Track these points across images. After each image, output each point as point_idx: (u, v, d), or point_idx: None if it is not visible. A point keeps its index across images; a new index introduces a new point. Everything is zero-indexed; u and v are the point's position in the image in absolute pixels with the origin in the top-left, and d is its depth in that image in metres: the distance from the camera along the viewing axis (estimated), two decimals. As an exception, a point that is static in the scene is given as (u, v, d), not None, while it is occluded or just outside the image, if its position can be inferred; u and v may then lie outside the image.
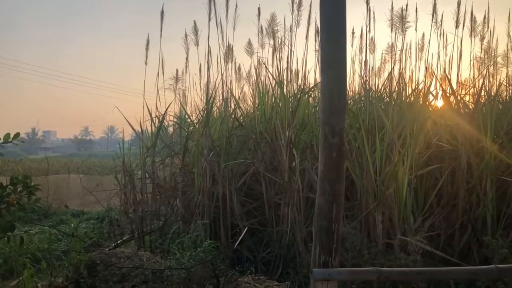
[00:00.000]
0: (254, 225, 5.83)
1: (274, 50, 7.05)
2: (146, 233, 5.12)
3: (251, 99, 7.45)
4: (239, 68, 7.55)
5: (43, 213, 9.52)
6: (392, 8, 6.51)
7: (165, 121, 7.19)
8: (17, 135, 2.90)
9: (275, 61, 6.82)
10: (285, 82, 5.91)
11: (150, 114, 7.17)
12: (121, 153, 7.09)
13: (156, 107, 7.20)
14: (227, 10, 6.60)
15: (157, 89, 7.11)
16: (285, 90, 5.95)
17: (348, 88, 7.57)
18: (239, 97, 7.00)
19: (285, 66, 6.14)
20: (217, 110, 6.90)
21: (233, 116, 6.61)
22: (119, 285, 3.22)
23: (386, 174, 4.66)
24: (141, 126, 6.92)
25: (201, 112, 7.21)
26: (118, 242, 5.01)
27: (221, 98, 6.84)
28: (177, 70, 7.52)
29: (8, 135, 2.85)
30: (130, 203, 6.99)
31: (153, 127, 7.00)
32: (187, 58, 7.53)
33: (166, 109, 6.89)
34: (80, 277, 3.43)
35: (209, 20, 6.42)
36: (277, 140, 5.62)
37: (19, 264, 5.88)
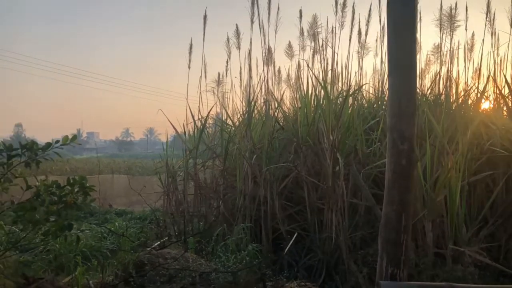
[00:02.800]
0: (296, 230, 5.76)
1: (315, 52, 6.98)
2: (191, 235, 5.17)
3: (292, 102, 7.41)
4: (279, 71, 7.55)
5: (89, 212, 9.89)
6: (441, 7, 6.27)
7: (207, 123, 7.27)
8: (74, 137, 3.02)
9: (315, 63, 6.78)
10: (329, 84, 5.81)
11: (193, 117, 7.31)
12: (165, 155, 7.23)
13: (199, 110, 7.33)
14: (269, 13, 6.59)
15: (200, 92, 7.24)
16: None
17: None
18: (280, 99, 6.97)
19: (329, 68, 6.04)
20: (257, 112, 6.90)
21: (274, 118, 6.58)
22: (167, 285, 3.27)
23: (437, 180, 4.46)
24: (184, 129, 7.06)
25: (242, 115, 7.25)
26: (165, 243, 5.09)
27: (262, 100, 6.86)
28: (218, 74, 7.61)
29: (66, 137, 2.97)
30: (173, 204, 7.13)
31: (196, 130, 7.12)
32: (227, 61, 7.63)
33: (209, 112, 6.98)
34: (129, 276, 3.50)
35: (252, 23, 6.45)
36: (320, 143, 5.53)
37: (69, 260, 6.16)
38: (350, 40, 6.57)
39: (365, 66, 6.95)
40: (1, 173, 2.68)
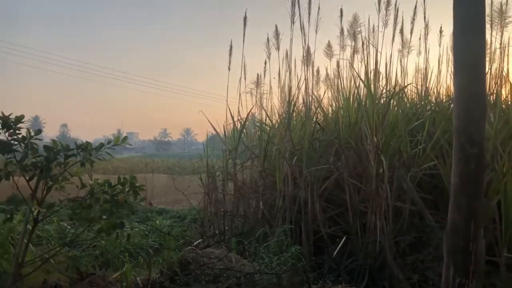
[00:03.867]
0: (337, 232, 5.67)
1: (355, 52, 6.86)
2: (234, 235, 5.22)
3: (332, 102, 7.31)
4: (318, 71, 7.47)
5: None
6: (491, 3, 5.96)
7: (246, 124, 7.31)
8: (125, 138, 3.11)
9: (355, 63, 6.65)
10: (372, 84, 5.67)
11: (233, 118, 7.37)
12: (205, 155, 7.34)
13: (238, 111, 7.38)
14: (309, 13, 6.54)
15: (239, 93, 7.30)
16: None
17: (434, 90, 7.12)
18: (321, 100, 6.89)
19: (372, 67, 5.90)
20: (297, 113, 6.86)
21: (314, 119, 6.52)
22: (212, 285, 3.31)
23: (489, 184, 4.23)
24: (224, 129, 7.13)
25: (281, 116, 7.24)
26: (209, 242, 5.17)
27: (301, 101, 6.82)
28: (258, 75, 7.64)
29: (118, 138, 3.07)
30: (212, 203, 7.22)
31: (235, 130, 7.17)
32: (265, 62, 7.64)
33: (248, 113, 7.02)
34: (175, 274, 3.57)
35: (293, 23, 6.42)
36: (363, 145, 5.41)
37: (115, 257, 6.38)
38: (393, 38, 6.40)
39: (407, 65, 6.69)
40: (59, 172, 2.81)
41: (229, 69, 7.32)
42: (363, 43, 6.74)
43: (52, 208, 2.75)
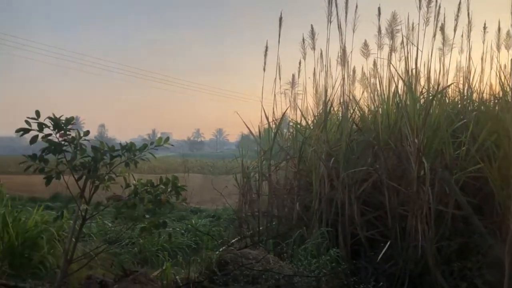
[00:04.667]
0: (375, 236, 5.55)
1: (392, 50, 6.68)
2: (272, 236, 5.22)
3: (369, 102, 7.17)
4: (354, 70, 7.33)
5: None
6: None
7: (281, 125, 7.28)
8: (167, 139, 3.17)
9: (393, 62, 6.49)
10: (413, 83, 5.50)
11: (267, 118, 7.37)
12: (240, 155, 7.38)
13: (273, 112, 7.37)
14: (346, 12, 6.44)
15: (274, 94, 7.29)
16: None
17: (481, 89, 6.81)
18: (359, 100, 6.76)
19: (412, 66, 5.72)
20: (334, 113, 6.77)
21: (351, 120, 6.40)
22: (251, 286, 3.31)
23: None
24: (259, 130, 7.15)
25: (316, 116, 7.16)
26: (247, 243, 5.20)
27: (337, 101, 6.72)
28: (293, 75, 7.60)
29: (160, 139, 3.14)
30: (247, 203, 7.25)
31: (270, 131, 7.17)
32: (299, 63, 7.59)
33: (283, 114, 6.99)
34: (214, 274, 3.61)
35: (329, 22, 6.34)
36: (402, 146, 5.26)
37: (152, 254, 6.54)
38: (434, 36, 6.18)
39: (449, 64, 6.44)
40: (105, 172, 2.90)
41: (264, 70, 7.32)
42: (401, 42, 6.59)
43: (99, 207, 2.85)
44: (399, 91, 5.91)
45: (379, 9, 6.66)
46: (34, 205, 10.43)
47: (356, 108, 6.56)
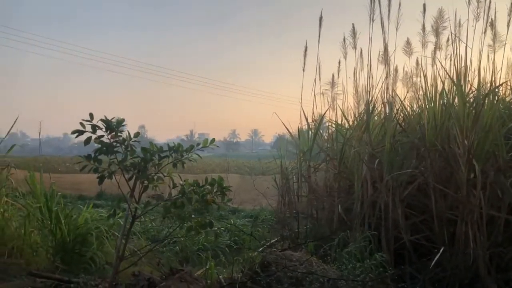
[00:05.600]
0: (420, 240, 5.35)
1: (437, 48, 6.44)
2: (318, 238, 5.17)
3: (413, 102, 6.93)
4: (396, 69, 7.12)
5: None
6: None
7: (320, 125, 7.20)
8: (213, 140, 3.22)
9: (438, 60, 6.25)
10: (462, 82, 5.26)
11: (307, 119, 7.31)
12: (279, 156, 7.36)
13: (313, 112, 7.31)
14: (389, 10, 6.28)
15: (314, 94, 7.22)
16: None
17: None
18: (404, 99, 6.56)
19: (461, 64, 5.47)
20: (377, 114, 6.60)
21: (394, 120, 6.21)
22: (295, 288, 3.29)
23: None
24: (298, 131, 7.10)
25: (357, 117, 7.01)
26: (289, 245, 5.18)
27: (380, 101, 6.54)
28: (333, 75, 7.50)
29: (206, 140, 3.18)
30: (286, 204, 7.22)
31: (310, 132, 7.11)
32: (339, 62, 7.48)
33: (323, 114, 6.91)
34: (257, 275, 3.61)
35: (372, 21, 6.20)
36: (450, 148, 5.04)
37: (193, 253, 6.66)
38: (484, 32, 5.89)
39: (502, 61, 6.10)
40: (153, 172, 2.98)
41: (303, 70, 7.28)
42: (448, 39, 6.33)
43: (148, 206, 2.93)
44: (446, 90, 5.67)
45: (424, 5, 6.44)
46: (81, 203, 10.95)
47: (400, 108, 6.35)
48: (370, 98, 6.17)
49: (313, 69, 7.30)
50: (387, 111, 6.01)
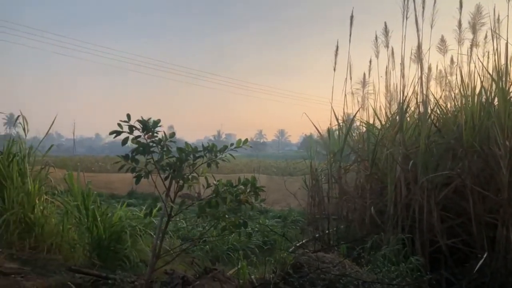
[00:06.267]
0: (457, 244, 5.17)
1: (474, 45, 6.21)
2: (351, 240, 5.10)
3: (448, 101, 6.72)
4: (430, 68, 6.91)
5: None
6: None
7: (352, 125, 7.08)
8: (245, 140, 3.22)
9: (474, 58, 6.03)
10: (503, 80, 5.05)
11: (337, 119, 7.22)
12: (309, 156, 7.30)
13: (344, 112, 7.21)
14: (423, 7, 6.11)
15: (345, 94, 7.12)
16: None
17: None
18: (439, 98, 6.36)
19: (502, 61, 5.25)
20: (410, 114, 6.44)
21: (429, 120, 6.03)
22: (329, 291, 3.25)
23: None
24: (329, 131, 7.02)
25: (390, 117, 6.86)
26: (322, 246, 5.13)
27: (414, 101, 6.37)
28: (364, 74, 7.37)
29: (239, 140, 3.19)
30: (316, 205, 7.15)
31: (340, 132, 7.01)
32: (370, 61, 7.34)
33: (355, 114, 6.80)
34: (289, 276, 3.59)
35: (406, 18, 6.05)
36: (490, 149, 4.85)
37: (223, 252, 6.71)
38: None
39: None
40: (188, 171, 3.02)
41: (334, 69, 7.19)
42: (486, 36, 6.11)
43: (183, 205, 2.97)
44: (485, 88, 5.46)
45: (460, 1, 6.23)
46: (113, 201, 11.28)
47: (436, 107, 6.16)
48: (404, 98, 6.02)
49: (344, 69, 7.22)
50: (422, 110, 5.85)
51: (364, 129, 7.25)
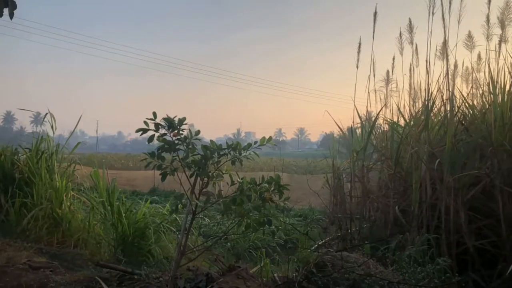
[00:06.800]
0: (485, 246, 5.03)
1: (503, 41, 6.02)
2: (376, 240, 5.03)
3: (474, 99, 6.53)
4: (456, 65, 6.73)
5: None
6: None
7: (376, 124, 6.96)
8: (269, 138, 3.20)
9: (503, 54, 5.84)
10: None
11: (360, 117, 7.13)
12: (331, 155, 7.23)
13: (367, 110, 7.11)
14: (450, 2, 5.97)
15: (368, 92, 7.02)
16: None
17: None
18: (467, 96, 6.19)
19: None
20: (436, 112, 6.29)
21: (456, 118, 5.87)
22: (353, 291, 3.21)
23: None
24: (351, 129, 6.94)
25: (414, 115, 6.72)
26: (346, 246, 5.08)
27: (439, 98, 6.22)
28: (388, 72, 7.25)
29: (263, 138, 3.17)
30: (338, 204, 7.09)
31: (364, 131, 6.91)
32: (393, 58, 7.20)
33: (379, 112, 6.70)
34: (313, 275, 3.56)
35: (432, 14, 5.92)
36: (521, 148, 4.69)
37: (244, 250, 6.73)
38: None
39: None
40: (213, 169, 3.02)
41: (357, 67, 7.11)
42: (517, 30, 5.91)
43: (208, 203, 2.98)
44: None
45: (489, -4, 6.06)
46: (136, 198, 11.46)
47: (463, 105, 6.00)
48: (430, 95, 5.88)
49: (366, 67, 7.12)
50: (448, 108, 5.71)
51: (387, 127, 7.14)
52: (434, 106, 6.13)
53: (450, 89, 5.87)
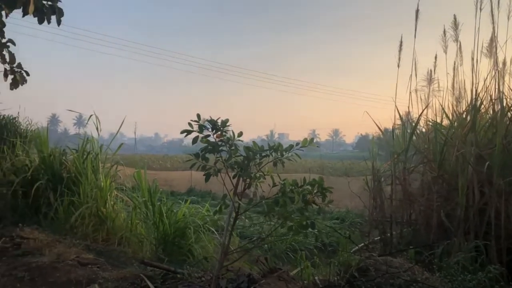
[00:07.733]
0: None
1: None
2: (422, 245, 4.87)
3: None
4: (504, 63, 6.39)
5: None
6: None
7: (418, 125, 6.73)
8: (311, 140, 3.17)
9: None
10: None
11: (401, 118, 6.92)
12: (371, 157, 7.06)
13: (408, 111, 6.90)
14: (499, -2, 5.69)
15: (410, 92, 6.80)
16: None
17: None
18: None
19: None
20: (484, 112, 6.00)
21: (506, 118, 5.57)
22: (399, 297, 3.11)
23: None
24: (393, 130, 6.75)
25: (459, 115, 6.44)
26: (390, 250, 4.95)
27: (487, 97, 5.93)
28: (430, 71, 6.99)
29: (305, 140, 3.14)
30: (378, 207, 6.90)
31: (405, 132, 6.70)
32: (435, 57, 6.94)
33: (421, 113, 6.47)
34: (354, 279, 3.49)
35: (479, 10, 5.67)
36: None
37: (282, 252, 6.70)
38: None
39: None
40: (255, 170, 3.03)
41: (398, 66, 6.91)
42: None
43: (251, 203, 2.98)
44: None
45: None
46: (173, 198, 11.69)
47: (513, 105, 5.69)
48: (477, 94, 5.62)
49: (408, 67, 6.91)
50: (497, 108, 5.43)
51: (428, 128, 6.88)
52: (482, 106, 5.85)
53: (500, 88, 5.59)
